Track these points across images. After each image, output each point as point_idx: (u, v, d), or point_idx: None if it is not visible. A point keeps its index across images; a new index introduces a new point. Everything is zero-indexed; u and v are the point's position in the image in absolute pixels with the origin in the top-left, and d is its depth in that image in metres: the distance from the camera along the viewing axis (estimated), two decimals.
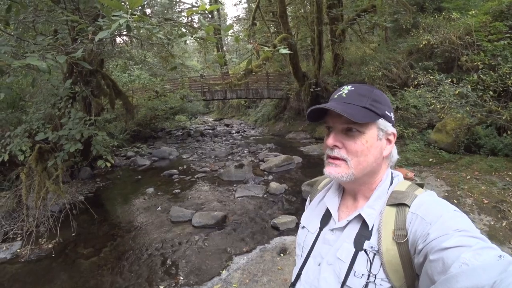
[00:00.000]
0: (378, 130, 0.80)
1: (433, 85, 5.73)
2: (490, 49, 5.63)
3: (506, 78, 5.02)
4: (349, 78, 10.44)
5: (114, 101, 7.17)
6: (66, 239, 4.65)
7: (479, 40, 6.11)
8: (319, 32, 10.96)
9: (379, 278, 0.71)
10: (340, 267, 0.77)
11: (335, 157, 0.81)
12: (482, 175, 5.12)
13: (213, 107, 31.54)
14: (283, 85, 15.32)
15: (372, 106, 0.79)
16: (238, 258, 3.96)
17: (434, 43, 6.86)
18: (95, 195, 6.82)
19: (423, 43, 6.98)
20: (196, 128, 17.86)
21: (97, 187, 7.32)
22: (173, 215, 5.31)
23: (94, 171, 8.15)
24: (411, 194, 0.76)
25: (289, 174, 7.91)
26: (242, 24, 18.52)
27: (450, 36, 6.69)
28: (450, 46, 6.74)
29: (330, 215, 0.89)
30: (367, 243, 0.75)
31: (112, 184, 7.62)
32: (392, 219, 0.74)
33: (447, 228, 0.63)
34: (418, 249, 0.66)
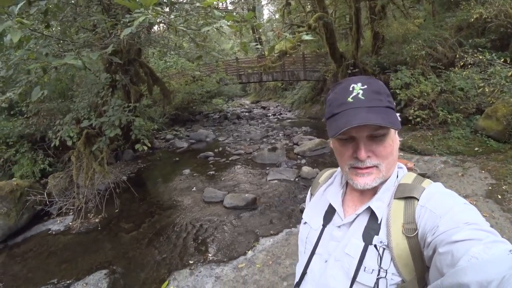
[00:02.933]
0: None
1: (483, 66, 5.21)
2: None
3: None
4: (389, 58, 9.79)
5: (152, 88, 7.54)
6: (110, 215, 5.20)
7: None
8: (357, 9, 10.30)
9: (390, 272, 0.71)
10: (349, 263, 0.75)
11: (367, 166, 0.77)
12: None
13: (250, 90, 31.55)
14: (320, 66, 14.82)
15: (389, 103, 0.76)
16: (264, 240, 4.11)
17: (487, 17, 6.10)
18: (136, 176, 7.39)
19: (475, 17, 6.23)
20: (233, 111, 18.11)
21: (138, 168, 7.90)
22: (206, 196, 5.59)
23: (136, 153, 8.72)
24: (418, 186, 0.75)
25: (322, 159, 7.82)
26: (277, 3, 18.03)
27: (506, 8, 5.91)
28: (506, 20, 5.97)
29: (333, 211, 0.87)
30: (376, 238, 0.74)
31: (152, 165, 8.16)
32: (401, 212, 0.73)
33: (457, 221, 0.62)
34: (427, 242, 0.66)
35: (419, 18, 9.96)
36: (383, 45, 10.57)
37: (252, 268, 3.47)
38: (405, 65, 8.27)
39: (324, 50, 13.77)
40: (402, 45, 8.98)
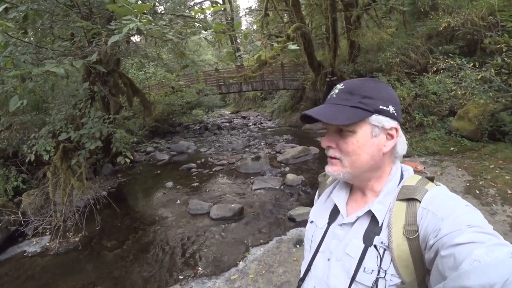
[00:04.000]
0: (372, 127, 0.77)
1: (453, 70, 5.49)
2: None
3: None
4: (365, 65, 10.15)
5: (131, 99, 7.37)
6: (91, 233, 4.91)
7: (503, 20, 5.73)
8: (333, 20, 10.67)
9: (389, 273, 0.71)
10: (350, 263, 0.77)
11: (331, 156, 0.83)
12: (507, 164, 4.91)
13: (229, 100, 31.59)
14: (299, 75, 15.10)
15: (362, 104, 0.77)
16: (255, 249, 4.04)
17: (454, 25, 6.51)
18: (117, 190, 7.10)
19: (443, 26, 6.64)
20: (213, 122, 18.03)
21: (118, 182, 7.61)
22: (191, 208, 5.45)
23: (116, 167, 8.44)
24: (421, 188, 0.74)
25: (306, 165, 7.87)
26: (255, 15, 18.35)
27: (472, 17, 6.33)
28: (472, 28, 6.39)
29: (338, 210, 0.88)
30: (377, 239, 0.75)
31: (133, 179, 7.90)
32: (403, 214, 0.73)
33: (459, 224, 0.62)
34: (429, 245, 0.65)
35: (391, 28, 10.43)
36: (359, 54, 10.95)
37: (245, 279, 3.38)
38: (381, 72, 8.59)
39: (302, 59, 14.07)
40: (377, 53, 9.35)
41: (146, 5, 1.63)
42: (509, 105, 5.31)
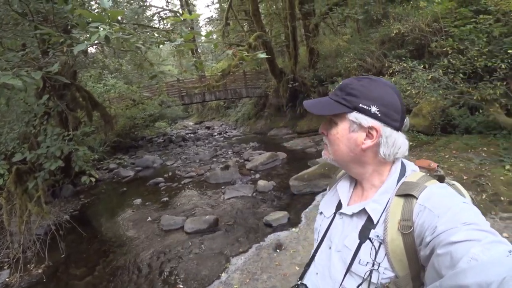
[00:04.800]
0: (350, 123, 0.81)
1: (407, 72, 5.90)
2: (457, 34, 5.86)
3: (474, 61, 5.26)
4: (325, 71, 10.60)
5: (91, 113, 6.95)
6: (56, 262, 4.48)
7: (446, 26, 6.35)
8: (293, 28, 11.05)
9: (382, 266, 0.73)
10: (347, 254, 0.80)
11: (325, 142, 0.91)
12: (459, 153, 5.35)
13: (192, 111, 31.18)
14: (261, 82, 15.36)
15: (344, 100, 0.81)
16: (236, 259, 3.97)
17: (404, 32, 7.08)
18: (81, 213, 6.61)
19: (394, 32, 7.19)
20: (177, 133, 17.63)
21: (81, 204, 7.09)
22: (164, 224, 5.24)
23: (77, 187, 7.89)
24: (420, 185, 0.75)
25: (275, 171, 7.97)
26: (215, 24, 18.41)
27: (419, 24, 6.92)
28: (419, 34, 6.98)
29: None
30: (373, 232, 0.77)
31: (97, 199, 7.41)
32: (399, 209, 0.74)
33: (455, 221, 0.62)
34: (425, 242, 0.66)
35: (346, 35, 11.02)
36: (319, 60, 11.41)
37: None
38: (340, 77, 9.00)
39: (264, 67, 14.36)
40: (335, 58, 9.81)
41: (119, 11, 1.56)
42: (456, 101, 5.81)
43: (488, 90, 5.13)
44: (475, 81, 5.57)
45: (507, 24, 5.41)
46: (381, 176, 0.85)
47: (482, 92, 5.17)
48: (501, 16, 5.43)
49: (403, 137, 0.83)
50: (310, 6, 10.87)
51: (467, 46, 5.51)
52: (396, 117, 0.80)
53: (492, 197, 4.09)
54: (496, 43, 5.41)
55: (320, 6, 11.35)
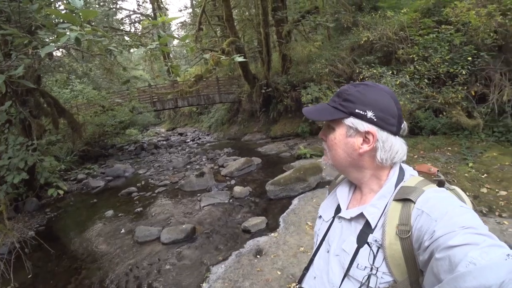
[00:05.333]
0: (347, 128, 0.83)
1: (376, 78, 6.17)
2: (421, 42, 6.25)
3: (438, 67, 5.64)
4: (298, 76, 10.80)
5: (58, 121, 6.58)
6: (23, 283, 4.13)
7: (412, 35, 6.75)
8: (266, 34, 11.19)
9: (381, 271, 0.73)
10: (345, 258, 0.80)
11: (324, 148, 0.93)
12: (426, 153, 5.66)
13: (164, 117, 30.51)
14: (234, 88, 15.39)
15: (341, 106, 0.84)
16: (216, 268, 3.89)
17: (373, 39, 7.44)
18: (48, 228, 6.16)
19: (364, 40, 7.53)
20: (149, 141, 17.13)
21: (48, 218, 6.61)
22: (139, 236, 5.03)
23: (42, 201, 7.38)
24: (418, 189, 0.75)
25: (251, 176, 7.96)
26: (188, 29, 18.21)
27: (386, 32, 7.31)
28: (387, 41, 7.35)
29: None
30: (371, 237, 0.77)
31: (64, 212, 6.96)
32: (397, 214, 0.74)
33: (453, 225, 0.62)
34: (424, 246, 0.66)
35: (318, 41, 11.33)
36: (291, 65, 11.62)
37: None
38: (312, 82, 9.23)
39: (237, 73, 14.38)
40: (307, 64, 10.04)
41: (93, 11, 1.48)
42: (422, 104, 6.16)
43: (451, 94, 5.50)
44: (438, 86, 5.95)
45: (466, 34, 5.84)
46: (379, 180, 0.86)
47: (445, 96, 5.53)
48: (461, 26, 5.86)
49: (400, 142, 0.84)
50: (283, 13, 11.10)
51: (431, 53, 5.88)
52: (392, 122, 0.81)
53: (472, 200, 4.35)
54: (456, 51, 5.83)
55: (292, 13, 11.64)
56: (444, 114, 5.84)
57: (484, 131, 5.60)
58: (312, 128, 10.19)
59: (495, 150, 5.20)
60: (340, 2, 9.96)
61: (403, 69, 6.16)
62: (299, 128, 10.87)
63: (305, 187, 6.02)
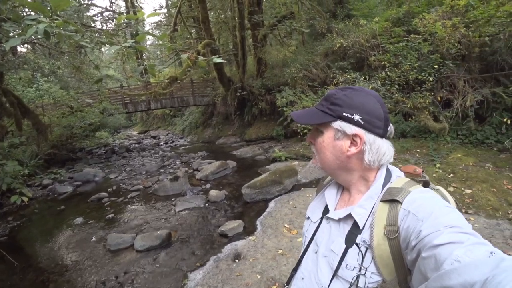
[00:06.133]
0: (335, 131, 0.85)
1: (349, 83, 6.37)
2: (392, 50, 6.54)
3: (407, 74, 5.94)
4: (273, 80, 10.91)
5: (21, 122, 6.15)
6: None
7: (383, 42, 7.06)
8: (242, 37, 11.20)
9: (369, 271, 0.74)
10: (333, 258, 0.81)
11: (313, 151, 0.94)
12: (397, 155, 5.91)
13: (136, 119, 29.67)
14: (209, 91, 15.26)
15: (328, 109, 0.86)
16: (194, 274, 3.80)
17: (346, 46, 7.71)
18: (10, 238, 5.74)
19: (337, 46, 7.78)
20: (121, 144, 16.51)
21: (10, 227, 6.15)
22: (111, 244, 4.81)
23: (3, 208, 6.83)
24: (405, 190, 0.77)
25: (226, 180, 7.91)
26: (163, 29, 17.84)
27: (359, 39, 7.60)
28: (360, 48, 7.63)
29: None
30: (359, 237, 0.79)
31: (28, 221, 6.50)
32: (385, 214, 0.76)
33: (438, 225, 0.64)
34: (411, 246, 0.67)
35: (292, 46, 11.52)
36: (266, 69, 11.72)
37: None
38: (287, 86, 9.38)
39: (212, 75, 14.27)
40: (282, 68, 10.18)
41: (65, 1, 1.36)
42: (393, 109, 6.44)
43: (419, 99, 5.79)
44: (408, 92, 6.24)
45: (433, 43, 6.20)
46: (366, 182, 0.87)
47: (414, 101, 5.82)
48: (428, 36, 6.20)
49: (387, 144, 0.86)
50: (259, 17, 11.18)
51: (401, 61, 6.17)
52: (379, 124, 0.83)
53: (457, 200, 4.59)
54: (424, 59, 6.16)
55: (269, 17, 11.78)
56: (413, 118, 6.14)
57: (449, 134, 5.95)
58: (286, 131, 10.31)
59: (459, 152, 5.54)
60: (315, 9, 10.22)
61: (375, 75, 6.42)
62: (273, 131, 10.96)
63: (281, 189, 6.06)
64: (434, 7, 6.80)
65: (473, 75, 5.91)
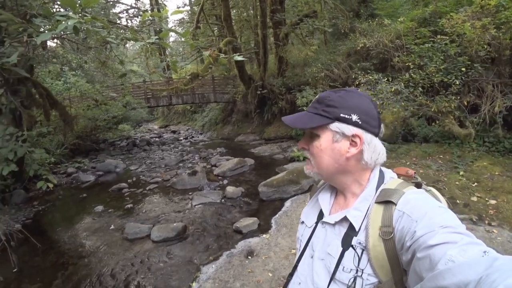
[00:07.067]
0: (333, 133, 0.84)
1: (372, 84, 6.22)
2: (417, 51, 6.31)
3: (432, 76, 5.71)
4: (293, 79, 10.85)
5: (49, 112, 6.45)
6: (7, 277, 4.03)
7: (408, 43, 6.83)
8: (264, 36, 11.21)
9: (366, 273, 0.74)
10: (330, 261, 0.81)
11: (307, 157, 0.92)
12: (418, 160, 5.74)
13: (157, 114, 30.30)
14: (229, 88, 15.36)
15: (324, 112, 0.85)
16: (206, 268, 3.86)
17: (369, 46, 7.52)
18: (35, 221, 6.04)
19: (360, 46, 7.60)
20: (142, 137, 16.97)
21: (35, 211, 6.48)
22: (129, 232, 4.97)
23: (30, 193, 7.23)
24: (399, 191, 0.78)
25: (243, 177, 7.95)
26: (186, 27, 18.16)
27: (383, 39, 7.40)
28: (383, 49, 7.44)
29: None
30: (355, 239, 0.79)
31: (53, 206, 6.83)
32: (379, 216, 0.76)
33: (432, 225, 0.64)
34: (406, 246, 0.67)
35: (314, 45, 11.41)
36: (287, 68, 11.66)
37: None
38: (308, 85, 9.28)
39: (233, 73, 14.35)
40: (303, 68, 10.08)
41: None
42: (416, 112, 6.24)
43: (444, 103, 5.58)
44: (432, 95, 6.02)
45: (460, 45, 5.93)
46: (360, 184, 0.87)
47: (439, 105, 5.61)
48: (456, 37, 5.94)
49: (380, 143, 0.87)
50: (282, 15, 11.12)
51: (426, 62, 5.95)
52: (374, 124, 0.85)
53: (448, 200, 4.39)
54: (451, 61, 5.91)
55: (291, 16, 11.70)
56: (437, 123, 5.92)
57: (475, 141, 5.70)
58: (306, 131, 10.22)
59: (485, 160, 5.30)
60: (338, 8, 10.07)
61: (398, 76, 6.23)
62: (293, 130, 10.92)
63: (298, 189, 6.03)
64: (463, 7, 6.49)
65: (503, 80, 5.62)
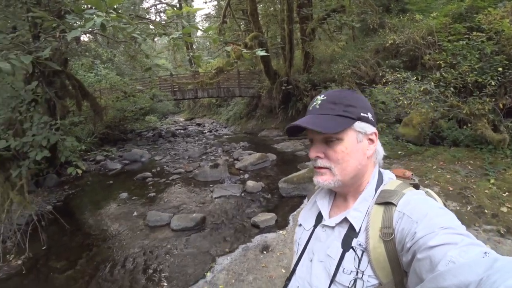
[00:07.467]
0: (357, 133, 0.82)
1: (400, 82, 5.99)
2: (450, 48, 5.96)
3: (466, 76, 5.38)
4: (319, 75, 10.67)
5: (81, 103, 6.80)
6: (37, 254, 4.35)
7: (440, 40, 6.47)
8: (290, 31, 11.10)
9: (366, 274, 0.74)
10: (330, 264, 0.80)
11: (319, 167, 0.84)
12: (446, 164, 5.47)
13: (183, 107, 30.90)
14: (255, 83, 15.36)
15: (346, 112, 0.81)
16: (222, 259, 3.94)
17: (399, 43, 7.21)
18: (64, 204, 6.45)
19: (389, 42, 7.33)
20: (167, 129, 17.44)
21: (65, 195, 6.91)
22: (150, 220, 5.16)
23: (61, 178, 7.70)
24: (398, 193, 0.77)
25: (264, 172, 7.96)
26: (212, 21, 18.38)
27: (414, 36, 7.07)
28: (414, 46, 7.12)
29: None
30: (355, 241, 0.78)
31: (82, 191, 7.25)
32: (380, 217, 0.76)
33: (432, 226, 0.64)
34: (406, 247, 0.67)
35: (342, 41, 11.14)
36: (313, 64, 11.47)
37: None
38: (333, 82, 9.08)
39: (258, 67, 14.34)
40: (330, 64, 9.89)
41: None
42: (446, 113, 5.93)
43: (477, 105, 5.26)
44: (465, 96, 5.70)
45: (498, 43, 5.55)
46: (360, 185, 0.87)
47: (471, 107, 5.30)
48: (493, 34, 5.57)
49: None
50: (309, 10, 10.95)
51: (459, 61, 5.63)
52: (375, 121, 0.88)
53: (476, 209, 4.18)
54: (487, 60, 5.55)
55: (318, 11, 11.45)
56: (469, 126, 5.60)
57: (509, 147, 5.33)
58: None
59: None
60: (367, 3, 9.73)
61: (429, 75, 5.93)
62: None
63: None
64: (502, 1, 6.06)
65: None
